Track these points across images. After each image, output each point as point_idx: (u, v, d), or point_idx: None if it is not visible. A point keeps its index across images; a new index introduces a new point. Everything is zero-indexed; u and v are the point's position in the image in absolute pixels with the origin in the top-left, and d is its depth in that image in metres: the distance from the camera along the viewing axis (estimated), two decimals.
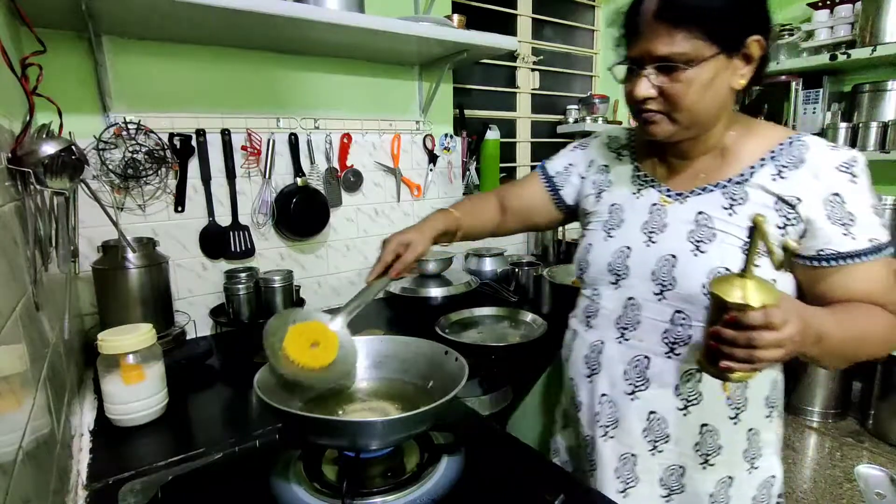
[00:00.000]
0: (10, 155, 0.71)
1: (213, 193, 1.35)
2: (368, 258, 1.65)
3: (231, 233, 1.39)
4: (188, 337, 1.28)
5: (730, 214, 0.76)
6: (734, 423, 0.79)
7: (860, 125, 2.01)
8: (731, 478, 0.80)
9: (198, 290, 1.37)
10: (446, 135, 1.79)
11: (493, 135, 1.90)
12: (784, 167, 0.74)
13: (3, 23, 0.86)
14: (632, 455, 0.82)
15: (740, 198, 0.76)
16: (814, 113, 2.15)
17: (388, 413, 0.75)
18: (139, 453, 0.83)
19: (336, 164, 1.55)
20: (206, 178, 1.34)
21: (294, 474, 0.70)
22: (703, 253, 0.75)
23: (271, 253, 1.48)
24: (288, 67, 1.44)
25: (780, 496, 0.85)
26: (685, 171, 0.82)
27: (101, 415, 0.91)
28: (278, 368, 0.72)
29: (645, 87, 0.72)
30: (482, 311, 1.47)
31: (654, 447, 0.81)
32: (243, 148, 1.38)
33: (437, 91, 1.68)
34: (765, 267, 0.70)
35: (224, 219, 1.38)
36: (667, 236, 0.79)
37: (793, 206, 0.73)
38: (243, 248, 1.41)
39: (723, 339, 0.59)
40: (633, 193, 0.87)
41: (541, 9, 2.18)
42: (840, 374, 2.01)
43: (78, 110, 1.16)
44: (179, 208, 1.31)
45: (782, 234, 0.73)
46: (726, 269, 0.72)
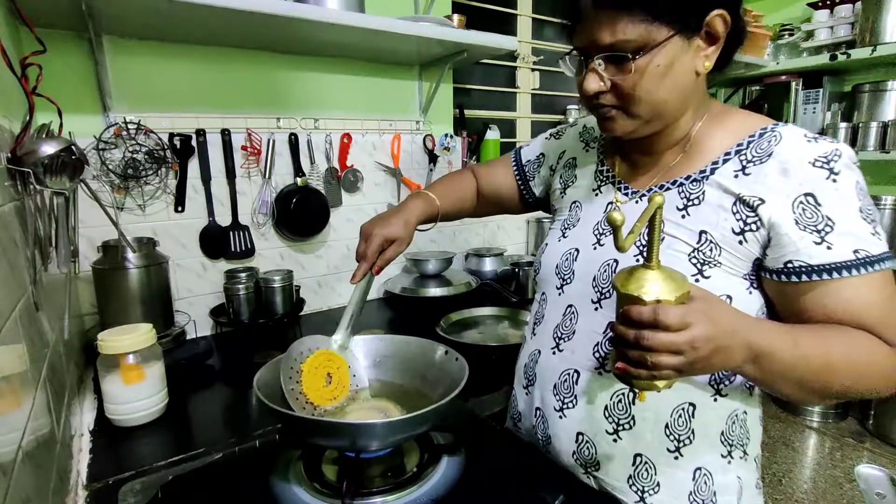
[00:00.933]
0: (10, 155, 0.71)
1: (213, 193, 1.35)
2: None
3: (231, 233, 1.39)
4: (188, 337, 1.28)
5: (682, 216, 0.67)
6: (674, 458, 0.68)
7: (860, 125, 2.02)
8: None
9: (198, 290, 1.37)
10: (446, 135, 1.79)
11: (493, 135, 1.90)
12: (749, 162, 0.64)
13: (3, 23, 0.86)
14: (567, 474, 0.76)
15: (696, 198, 0.67)
16: (814, 113, 2.15)
17: (388, 413, 0.75)
18: (139, 453, 0.83)
19: (336, 164, 1.55)
20: (206, 178, 1.34)
21: (294, 474, 0.70)
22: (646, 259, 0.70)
23: (271, 253, 1.48)
24: (288, 67, 1.44)
25: None
26: (648, 167, 0.74)
27: (101, 415, 0.91)
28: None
29: (593, 82, 0.64)
30: (482, 311, 1.47)
31: (587, 471, 0.73)
32: (243, 148, 1.38)
33: (437, 91, 1.68)
34: (717, 275, 0.64)
35: (224, 219, 1.38)
36: (609, 241, 0.72)
37: (753, 208, 0.62)
38: (243, 248, 1.41)
39: (616, 335, 0.53)
40: (593, 190, 0.80)
41: (541, 9, 2.18)
42: None
43: (78, 110, 1.16)
44: (179, 208, 1.31)
45: (740, 242, 0.63)
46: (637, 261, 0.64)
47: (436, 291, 1.55)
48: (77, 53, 1.15)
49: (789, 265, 0.61)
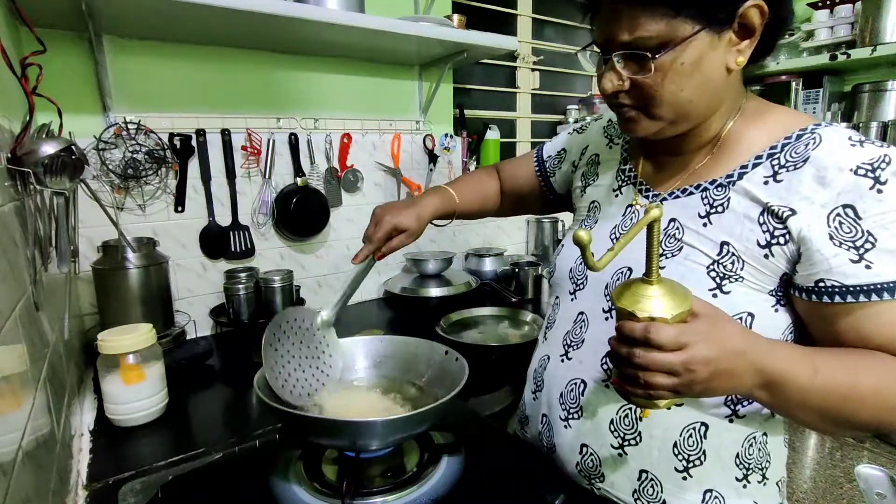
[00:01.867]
0: (9, 155, 0.71)
1: (213, 193, 1.35)
2: None
3: (231, 233, 1.39)
4: (188, 337, 1.28)
5: (704, 225, 0.62)
6: (682, 478, 0.64)
7: (860, 125, 2.01)
8: None
9: (198, 290, 1.37)
10: (446, 135, 1.79)
11: (493, 135, 1.90)
12: (782, 167, 0.58)
13: (3, 23, 0.86)
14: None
15: (720, 205, 0.61)
16: (814, 113, 2.15)
17: (391, 411, 0.75)
18: (139, 453, 0.83)
19: (336, 164, 1.55)
20: (206, 178, 1.34)
21: (294, 474, 0.70)
22: (660, 269, 0.63)
23: (271, 253, 1.48)
24: (288, 67, 1.44)
25: None
26: (673, 168, 0.69)
27: (101, 415, 0.91)
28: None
29: (612, 80, 0.59)
30: (482, 311, 1.47)
31: (591, 483, 0.71)
32: (243, 148, 1.38)
33: (437, 91, 1.67)
34: (738, 291, 0.59)
35: (224, 219, 1.38)
36: (630, 245, 0.71)
37: (782, 220, 0.56)
38: (243, 248, 1.41)
39: (612, 350, 0.51)
40: (614, 191, 0.76)
41: (541, 9, 2.18)
42: None
43: (78, 110, 1.16)
44: (179, 208, 1.31)
45: (765, 256, 0.58)
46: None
47: (436, 291, 1.55)
48: (77, 53, 1.15)
49: (820, 284, 0.55)
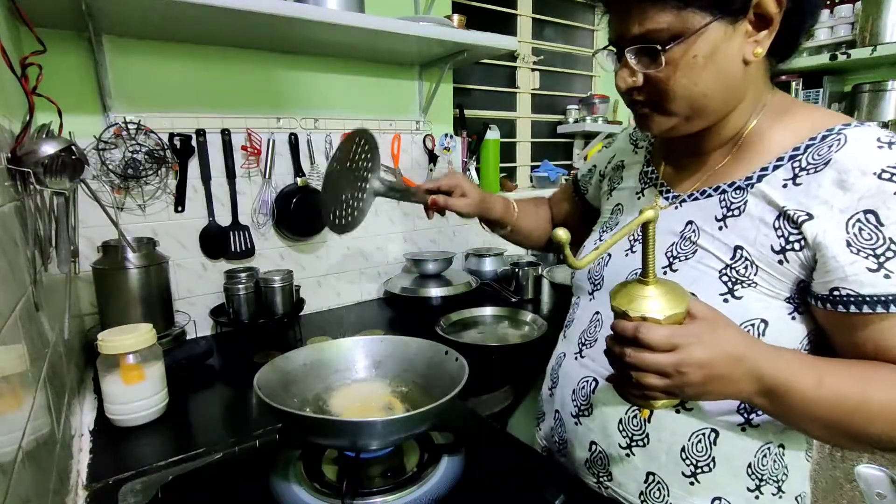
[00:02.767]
0: (9, 155, 0.71)
1: (213, 193, 1.35)
2: (369, 258, 1.66)
3: (231, 233, 1.39)
4: (188, 337, 1.28)
5: (720, 228, 0.61)
6: (690, 483, 0.63)
7: None
8: None
9: (198, 290, 1.37)
10: (446, 135, 1.79)
11: (493, 135, 1.90)
12: (803, 170, 0.56)
13: (3, 23, 0.86)
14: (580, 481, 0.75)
15: (737, 208, 0.60)
16: None
17: (392, 410, 0.75)
18: (139, 453, 0.83)
19: None
20: (206, 178, 1.34)
21: (294, 474, 0.70)
22: (673, 272, 0.62)
23: (271, 253, 1.48)
24: (288, 67, 1.44)
25: None
26: (693, 169, 0.68)
27: (101, 415, 0.91)
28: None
29: (625, 76, 0.59)
30: (482, 311, 1.47)
31: (599, 481, 0.71)
32: (243, 148, 1.38)
33: (437, 91, 1.67)
34: (751, 297, 0.58)
35: (224, 219, 1.38)
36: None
37: (797, 224, 0.54)
38: (243, 248, 1.41)
39: (607, 348, 0.51)
40: (636, 193, 0.76)
41: (541, 9, 2.18)
42: None
43: (78, 110, 1.15)
44: (179, 208, 1.31)
45: (780, 262, 0.56)
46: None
47: (436, 291, 1.55)
48: (77, 53, 1.15)
49: (836, 293, 0.53)
